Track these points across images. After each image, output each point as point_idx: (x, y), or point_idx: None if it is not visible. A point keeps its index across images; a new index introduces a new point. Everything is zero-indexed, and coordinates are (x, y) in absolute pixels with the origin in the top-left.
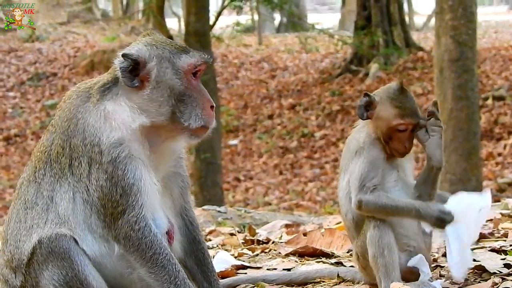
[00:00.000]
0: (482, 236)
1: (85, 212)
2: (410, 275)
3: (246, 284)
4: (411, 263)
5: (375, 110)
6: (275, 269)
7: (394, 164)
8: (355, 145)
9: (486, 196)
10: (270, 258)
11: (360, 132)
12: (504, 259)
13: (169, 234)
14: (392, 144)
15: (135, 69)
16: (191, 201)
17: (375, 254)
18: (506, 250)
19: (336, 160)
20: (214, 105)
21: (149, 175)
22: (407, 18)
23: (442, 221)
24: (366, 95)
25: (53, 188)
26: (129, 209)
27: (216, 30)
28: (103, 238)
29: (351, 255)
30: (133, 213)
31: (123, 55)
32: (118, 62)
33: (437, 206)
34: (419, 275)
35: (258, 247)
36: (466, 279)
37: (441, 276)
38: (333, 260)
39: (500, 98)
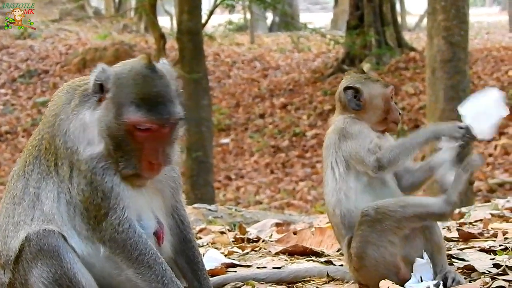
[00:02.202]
0: (471, 236)
1: (69, 214)
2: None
3: (236, 283)
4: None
5: (364, 95)
6: (265, 267)
7: None
8: (334, 136)
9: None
10: (260, 256)
11: (348, 123)
12: (493, 259)
13: (157, 235)
14: (391, 116)
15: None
16: (182, 200)
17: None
18: (496, 250)
19: None
20: (157, 162)
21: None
22: (399, 18)
23: (459, 130)
24: (348, 87)
25: (39, 186)
26: (112, 211)
27: (208, 29)
28: (88, 240)
29: (341, 254)
30: (116, 215)
31: (102, 68)
32: (96, 70)
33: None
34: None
35: (248, 245)
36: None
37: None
38: (323, 259)
39: None
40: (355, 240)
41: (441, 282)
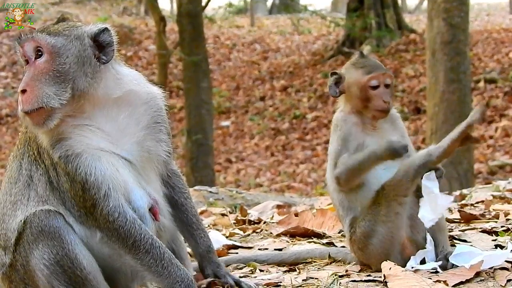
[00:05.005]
0: (473, 218)
1: (61, 198)
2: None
3: (238, 264)
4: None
5: (344, 82)
6: (267, 249)
7: (378, 140)
8: (332, 127)
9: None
10: (262, 238)
11: (336, 113)
12: (495, 240)
13: (153, 210)
14: (372, 105)
15: None
16: (173, 166)
17: None
18: (497, 231)
19: (327, 142)
20: (20, 90)
21: (107, 159)
22: (399, 1)
23: (394, 150)
24: (333, 73)
25: (31, 168)
26: (97, 202)
27: (208, 11)
28: (83, 225)
29: (342, 235)
30: (101, 206)
31: None
32: None
33: (391, 140)
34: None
35: (249, 227)
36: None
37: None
38: (324, 241)
39: (491, 81)
40: (364, 220)
41: (441, 263)
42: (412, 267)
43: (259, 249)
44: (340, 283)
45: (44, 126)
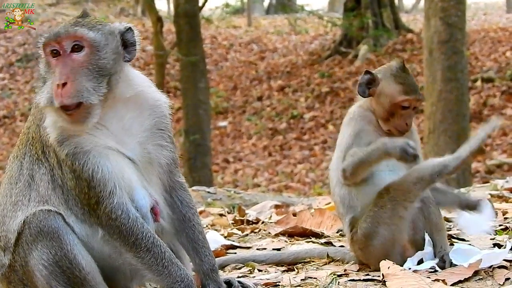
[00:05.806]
0: None
1: (64, 197)
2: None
3: (236, 264)
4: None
5: (378, 87)
6: (265, 249)
7: None
8: (346, 119)
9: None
10: (260, 238)
11: (354, 107)
12: (493, 239)
13: (154, 211)
14: (394, 121)
15: None
16: (180, 180)
17: None
18: (496, 230)
19: (325, 141)
20: (61, 82)
21: (112, 157)
22: (396, 0)
23: (405, 151)
24: (367, 72)
25: (32, 168)
26: (101, 199)
27: (205, 12)
28: (85, 222)
29: (341, 235)
30: (105, 203)
31: None
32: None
33: (403, 139)
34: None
35: (247, 227)
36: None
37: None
38: (322, 240)
39: (489, 80)
40: (366, 221)
41: (439, 261)
42: (409, 268)
43: (257, 249)
44: (338, 282)
45: (84, 124)
